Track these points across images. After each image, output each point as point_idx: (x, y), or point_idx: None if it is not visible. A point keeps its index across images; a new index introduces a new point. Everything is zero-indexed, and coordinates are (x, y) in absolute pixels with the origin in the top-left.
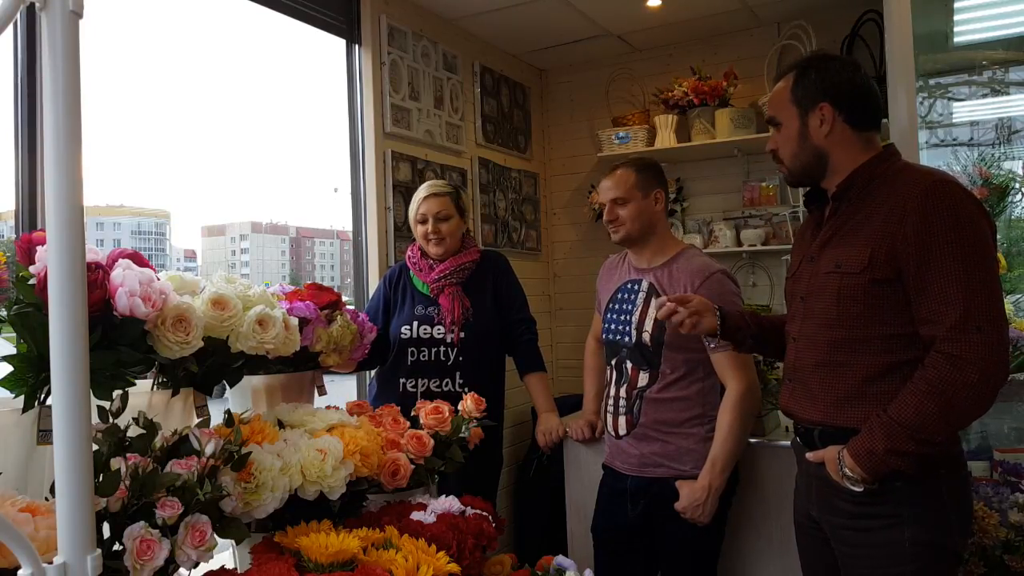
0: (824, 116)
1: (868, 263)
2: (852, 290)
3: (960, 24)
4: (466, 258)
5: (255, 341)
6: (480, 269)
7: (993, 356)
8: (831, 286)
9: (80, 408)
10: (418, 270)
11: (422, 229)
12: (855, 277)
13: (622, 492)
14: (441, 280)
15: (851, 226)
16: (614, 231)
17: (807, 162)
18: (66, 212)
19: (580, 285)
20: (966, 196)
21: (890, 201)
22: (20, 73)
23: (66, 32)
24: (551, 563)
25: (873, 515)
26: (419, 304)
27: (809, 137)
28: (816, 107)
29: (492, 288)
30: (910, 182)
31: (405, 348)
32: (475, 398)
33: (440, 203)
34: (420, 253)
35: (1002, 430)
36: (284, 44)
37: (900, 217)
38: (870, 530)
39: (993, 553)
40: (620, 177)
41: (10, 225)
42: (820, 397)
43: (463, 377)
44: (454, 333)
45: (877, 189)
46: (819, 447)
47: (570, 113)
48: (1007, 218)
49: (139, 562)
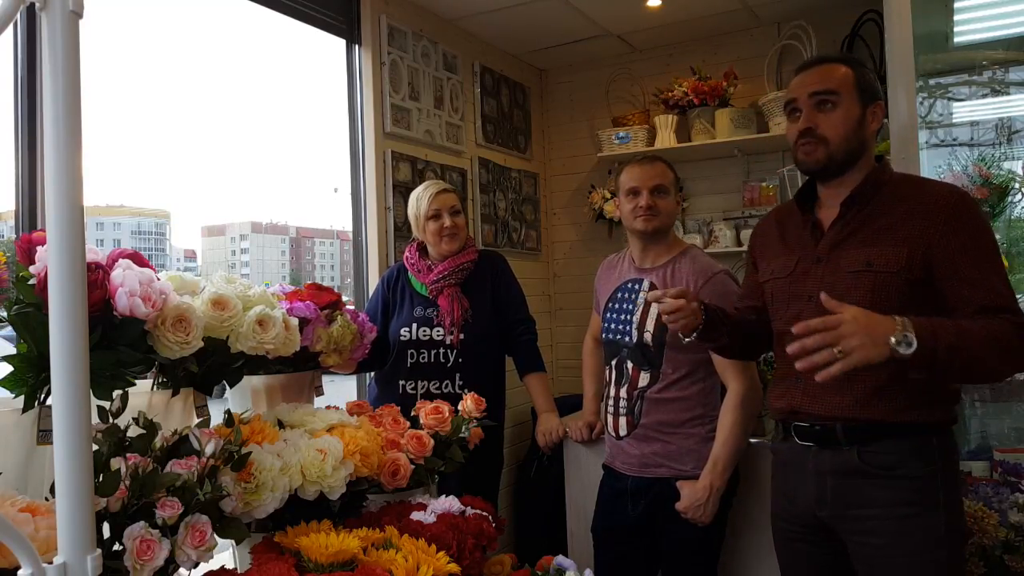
0: (876, 115)
1: (906, 263)
2: (887, 288)
3: (960, 24)
4: (465, 258)
5: (255, 341)
6: (478, 269)
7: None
8: (863, 284)
9: (80, 408)
10: (416, 271)
11: (435, 225)
12: (892, 276)
13: (622, 492)
14: (440, 281)
15: (878, 227)
16: (647, 219)
17: (853, 149)
18: (66, 212)
19: (580, 285)
20: (979, 206)
21: (921, 208)
22: (20, 73)
23: (66, 32)
24: (551, 563)
25: (909, 502)
26: (418, 306)
27: (864, 128)
28: (875, 103)
29: (491, 289)
30: (938, 192)
31: (405, 350)
32: (475, 398)
33: (452, 198)
34: (418, 254)
35: (1002, 430)
36: (284, 44)
37: (938, 223)
38: (907, 517)
39: (993, 553)
40: (660, 168)
41: (10, 225)
42: (847, 392)
43: (463, 379)
44: (453, 335)
45: (892, 195)
46: (842, 445)
47: (570, 113)
48: (1007, 218)
49: (139, 562)
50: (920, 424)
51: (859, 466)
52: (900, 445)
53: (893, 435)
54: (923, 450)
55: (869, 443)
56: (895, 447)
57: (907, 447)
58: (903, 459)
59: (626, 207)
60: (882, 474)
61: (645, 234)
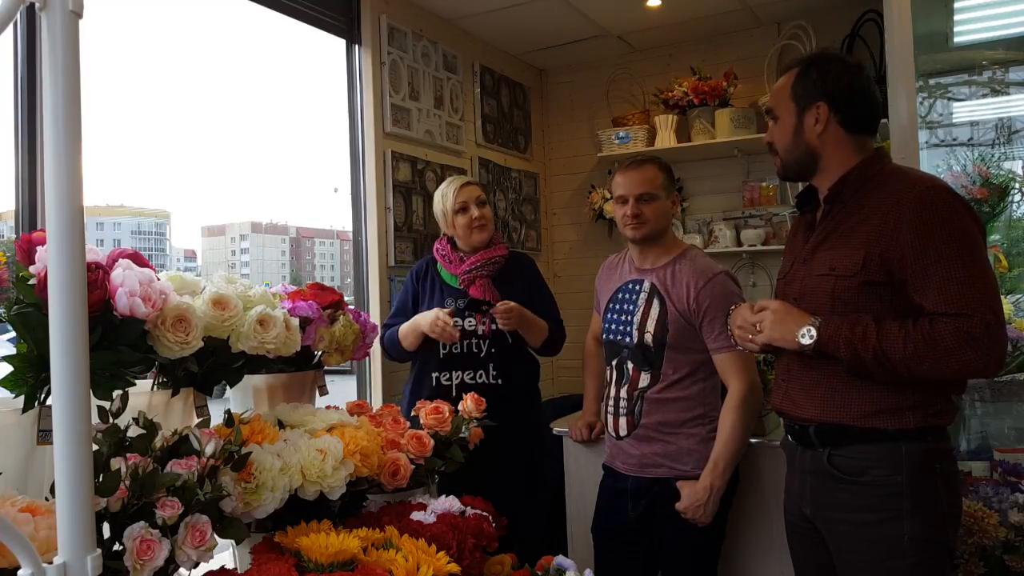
0: (819, 115)
1: (862, 266)
2: (845, 292)
3: (960, 24)
4: (496, 252)
5: (256, 341)
6: (509, 266)
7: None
8: (825, 288)
9: (80, 408)
10: (447, 262)
11: (464, 218)
12: (848, 280)
13: (622, 492)
14: (472, 272)
15: (844, 229)
16: (635, 228)
17: (799, 158)
18: (66, 212)
19: (580, 285)
20: (955, 199)
21: (883, 206)
22: (20, 73)
23: (66, 32)
24: (551, 563)
25: (872, 508)
26: (449, 296)
27: (803, 134)
28: (813, 105)
29: (526, 288)
30: (903, 188)
31: (436, 341)
32: (475, 398)
33: (477, 189)
34: (451, 246)
35: (1002, 430)
36: (284, 44)
37: (894, 221)
38: (868, 524)
39: (993, 553)
40: (648, 174)
41: (10, 225)
42: (815, 394)
43: (496, 368)
44: (485, 324)
45: (869, 193)
46: (816, 445)
47: (570, 113)
48: (1007, 218)
49: (139, 562)
50: (887, 431)
51: (829, 469)
52: (866, 450)
53: (860, 440)
54: (890, 457)
55: (839, 446)
56: (862, 452)
57: (874, 453)
58: (869, 465)
59: (617, 213)
60: (849, 479)
61: (635, 241)
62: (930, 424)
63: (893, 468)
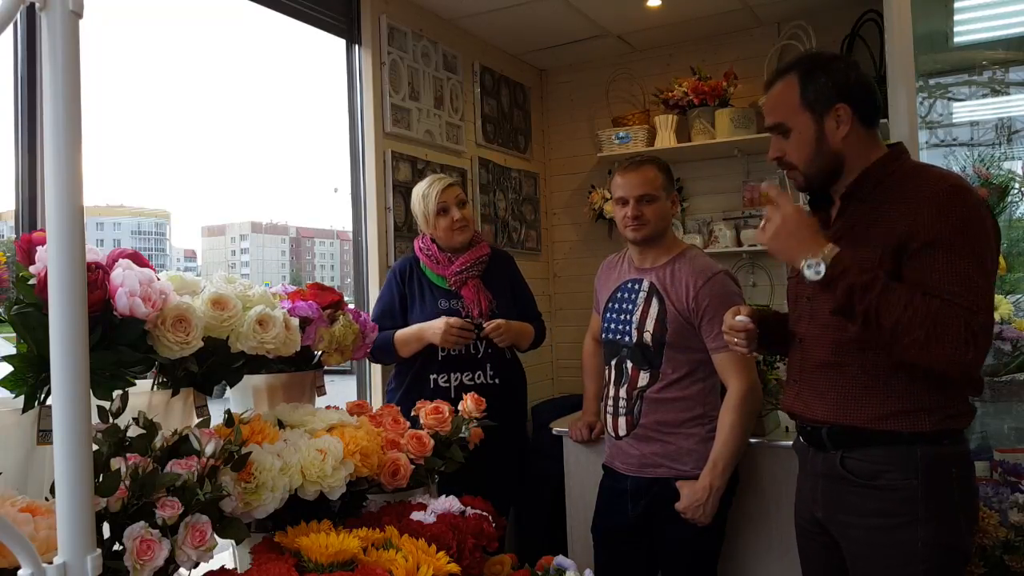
0: (841, 117)
1: (878, 264)
2: None
3: (960, 24)
4: (481, 251)
5: (255, 341)
6: (492, 263)
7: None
8: None
9: (80, 408)
10: (435, 263)
11: (445, 220)
12: None
13: (622, 492)
14: (463, 272)
15: (862, 227)
16: (635, 229)
17: (824, 166)
18: (66, 212)
19: (580, 285)
20: (979, 202)
21: (903, 205)
22: (20, 73)
23: (66, 32)
24: (551, 563)
25: (886, 512)
26: (440, 298)
27: (826, 140)
28: (832, 109)
29: (510, 285)
30: (925, 186)
31: (434, 345)
32: (475, 398)
33: (457, 190)
34: (437, 246)
35: (1002, 430)
36: (284, 44)
37: (914, 214)
38: (882, 529)
39: (993, 553)
40: (647, 175)
41: (10, 225)
42: (828, 396)
43: (493, 368)
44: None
45: (890, 190)
46: (829, 447)
47: (570, 113)
48: (1007, 218)
49: (139, 562)
50: (902, 433)
51: (842, 472)
52: (881, 454)
53: (874, 443)
54: (904, 461)
55: (853, 449)
56: (876, 456)
57: (888, 456)
58: (883, 469)
59: (617, 214)
60: (862, 483)
61: (635, 242)
62: (947, 427)
63: (908, 472)
